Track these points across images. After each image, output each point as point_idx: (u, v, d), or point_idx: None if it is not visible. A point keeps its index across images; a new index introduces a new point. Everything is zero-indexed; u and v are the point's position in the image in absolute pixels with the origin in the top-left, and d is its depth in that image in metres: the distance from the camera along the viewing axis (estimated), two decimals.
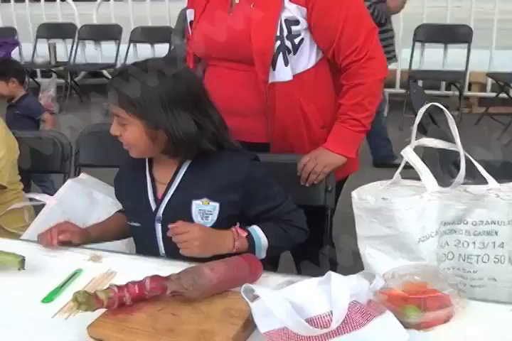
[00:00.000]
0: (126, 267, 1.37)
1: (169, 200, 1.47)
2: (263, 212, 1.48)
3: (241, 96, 1.75)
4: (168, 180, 1.48)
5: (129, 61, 5.74)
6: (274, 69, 1.68)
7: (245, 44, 1.65)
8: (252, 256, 1.32)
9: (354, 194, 1.53)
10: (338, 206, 1.90)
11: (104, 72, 6.04)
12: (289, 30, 1.66)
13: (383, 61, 1.77)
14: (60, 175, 2.19)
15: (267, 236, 1.44)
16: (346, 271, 1.10)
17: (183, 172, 1.48)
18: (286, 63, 1.67)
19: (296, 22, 1.66)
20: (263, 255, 1.45)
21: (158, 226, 1.47)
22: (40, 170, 2.20)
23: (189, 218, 1.43)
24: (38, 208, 1.95)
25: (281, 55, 1.67)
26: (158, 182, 1.50)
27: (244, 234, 1.41)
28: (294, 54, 1.69)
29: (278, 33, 1.64)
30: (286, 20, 1.65)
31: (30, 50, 6.14)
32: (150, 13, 5.99)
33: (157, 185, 1.50)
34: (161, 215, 1.47)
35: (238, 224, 1.46)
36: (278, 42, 1.65)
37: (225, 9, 1.72)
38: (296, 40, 1.68)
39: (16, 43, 6.19)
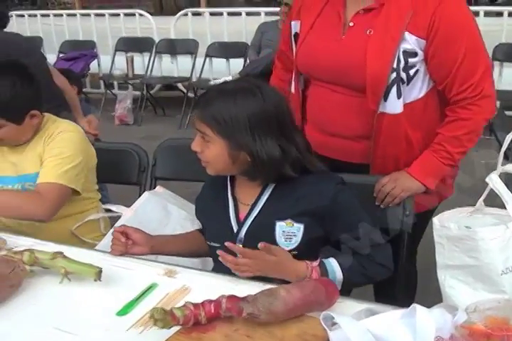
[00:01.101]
0: (201, 284, 1.37)
1: (252, 221, 1.46)
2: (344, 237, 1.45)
3: (344, 120, 1.72)
4: (251, 202, 1.47)
5: (204, 75, 5.86)
6: (385, 101, 1.63)
7: (358, 71, 1.61)
8: (329, 280, 1.29)
9: (435, 220, 1.49)
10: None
11: (179, 85, 6.15)
12: (406, 62, 1.61)
13: (494, 101, 1.70)
14: (132, 186, 2.23)
15: (342, 271, 1.39)
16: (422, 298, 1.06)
17: (267, 194, 1.46)
18: (399, 96, 1.63)
19: (414, 54, 1.61)
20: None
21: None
22: (117, 181, 2.23)
23: (272, 239, 1.41)
24: (113, 218, 1.99)
25: (395, 87, 1.62)
26: (240, 202, 1.50)
27: (316, 264, 1.38)
28: (407, 85, 1.64)
29: (395, 65, 1.60)
30: (404, 52, 1.60)
31: (108, 62, 6.32)
32: (227, 28, 6.06)
33: (239, 205, 1.50)
34: (242, 236, 1.46)
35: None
36: (394, 75, 1.60)
37: (338, 30, 1.67)
38: (412, 72, 1.63)
39: (95, 56, 6.39)
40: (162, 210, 1.91)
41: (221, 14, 6.20)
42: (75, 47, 6.45)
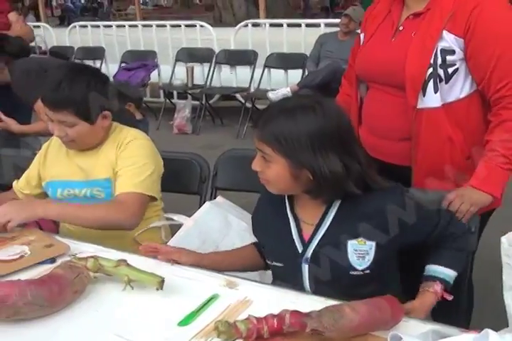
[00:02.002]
0: (262, 296, 1.35)
1: (319, 241, 1.43)
2: (426, 238, 1.46)
3: (389, 119, 1.81)
4: (315, 221, 1.44)
5: (263, 86, 5.88)
6: (424, 96, 1.70)
7: (400, 70, 1.70)
8: (394, 298, 1.26)
9: (504, 239, 1.43)
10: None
11: (238, 95, 6.19)
12: (444, 60, 1.68)
13: None
14: (191, 195, 2.24)
15: (451, 268, 1.45)
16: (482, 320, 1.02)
17: (333, 213, 1.43)
18: (435, 90, 1.69)
19: (452, 52, 1.68)
20: None
21: (305, 267, 1.44)
22: (177, 191, 2.25)
23: (344, 258, 1.39)
24: (174, 226, 2.01)
25: (431, 82, 1.69)
26: (303, 222, 1.47)
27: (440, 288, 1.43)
28: (446, 83, 1.70)
29: (432, 61, 1.67)
30: (442, 50, 1.67)
31: (168, 72, 6.43)
32: (286, 39, 6.08)
33: (302, 225, 1.46)
34: (308, 256, 1.43)
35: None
36: (430, 70, 1.68)
37: (390, 35, 1.79)
38: (450, 70, 1.69)
39: (156, 66, 6.50)
40: (222, 221, 1.92)
41: (281, 25, 6.23)
42: (136, 57, 6.59)
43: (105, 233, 1.81)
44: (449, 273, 1.47)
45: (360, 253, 1.39)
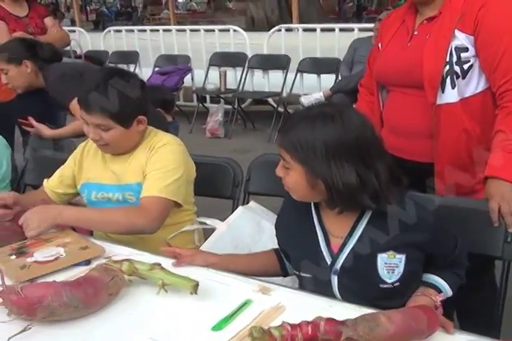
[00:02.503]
0: (296, 303, 1.35)
1: (349, 253, 1.41)
2: (442, 257, 1.46)
3: (410, 118, 1.89)
4: (344, 232, 1.42)
5: (295, 91, 5.87)
6: (442, 92, 1.80)
7: (417, 70, 1.80)
8: (431, 308, 1.24)
9: None
10: None
11: (270, 100, 6.20)
12: (458, 57, 1.77)
13: None
14: (223, 200, 2.25)
15: (450, 287, 1.42)
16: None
17: (363, 226, 1.41)
18: (453, 86, 1.79)
19: (465, 49, 1.77)
20: None
21: (335, 278, 1.43)
22: (210, 195, 2.25)
23: (374, 272, 1.38)
24: (207, 230, 2.01)
25: (449, 78, 1.78)
26: (331, 234, 1.45)
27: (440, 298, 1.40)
28: (463, 78, 1.79)
29: (447, 59, 1.77)
30: (456, 48, 1.77)
31: (202, 76, 6.46)
32: (319, 44, 6.06)
33: (330, 237, 1.45)
34: (338, 268, 1.42)
35: None
36: (447, 67, 1.77)
37: (405, 40, 1.90)
38: (465, 66, 1.79)
39: (189, 70, 6.54)
40: (255, 226, 1.91)
41: (314, 30, 6.22)
42: (170, 61, 6.64)
43: (138, 236, 1.83)
44: (448, 291, 1.47)
45: (390, 266, 1.37)
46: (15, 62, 2.84)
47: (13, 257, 1.58)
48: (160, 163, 1.86)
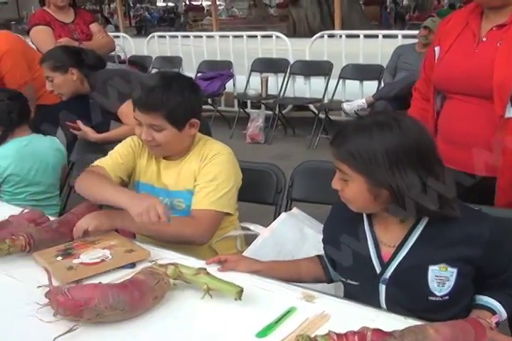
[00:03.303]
0: (341, 311, 1.34)
1: (399, 264, 1.39)
2: (494, 275, 1.41)
3: (471, 128, 1.80)
4: (396, 242, 1.41)
5: (337, 97, 5.84)
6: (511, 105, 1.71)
7: (486, 79, 1.71)
8: (478, 321, 1.21)
9: None
10: None
11: (311, 106, 6.18)
12: None
13: None
14: (264, 205, 2.25)
15: (505, 309, 1.38)
16: None
17: (416, 236, 1.39)
18: None
19: None
20: None
21: (383, 288, 1.41)
22: (253, 200, 2.25)
23: (424, 283, 1.36)
24: (248, 236, 2.01)
25: None
26: (381, 243, 1.44)
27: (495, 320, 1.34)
28: None
29: None
30: None
31: (243, 82, 6.48)
32: (362, 50, 6.03)
33: (380, 245, 1.44)
34: (387, 278, 1.40)
35: None
36: None
37: (472, 46, 1.81)
38: None
39: (231, 75, 6.57)
40: (298, 232, 1.90)
41: (357, 36, 6.19)
42: (212, 67, 6.69)
43: None
44: (503, 313, 1.42)
45: (441, 279, 1.35)
46: (61, 70, 2.88)
47: (60, 258, 1.60)
48: (212, 174, 1.88)
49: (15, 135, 2.70)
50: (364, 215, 1.47)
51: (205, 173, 1.89)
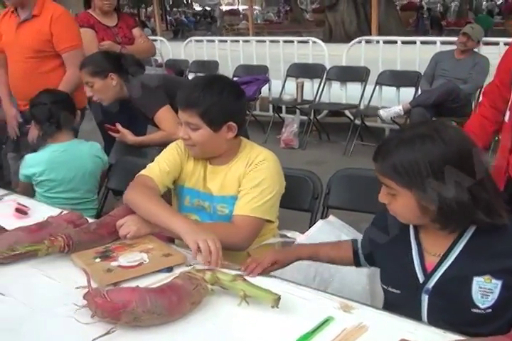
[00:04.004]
0: (379, 323, 1.32)
1: (443, 274, 1.37)
2: None
3: None
4: (441, 251, 1.39)
5: (373, 103, 5.80)
6: None
7: None
8: None
9: None
10: None
11: (347, 112, 6.15)
12: None
13: None
14: (299, 212, 2.24)
15: None
16: None
17: (461, 246, 1.37)
18: None
19: None
20: None
21: (425, 298, 1.39)
22: (289, 207, 2.24)
23: (467, 295, 1.34)
24: (285, 243, 2.00)
25: None
26: (426, 252, 1.42)
27: None
28: None
29: None
30: None
31: (279, 87, 6.47)
32: (400, 56, 5.97)
33: (425, 254, 1.42)
34: (430, 288, 1.38)
35: None
36: None
37: None
38: None
39: (267, 80, 6.57)
40: (335, 239, 1.89)
41: (394, 42, 6.13)
42: (248, 71, 6.70)
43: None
44: None
45: (485, 291, 1.32)
46: (100, 75, 2.90)
47: (98, 260, 1.62)
48: (257, 180, 1.87)
49: (55, 140, 2.75)
50: (411, 224, 1.45)
51: (250, 179, 1.88)
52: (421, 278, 1.39)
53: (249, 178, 1.89)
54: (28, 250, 1.64)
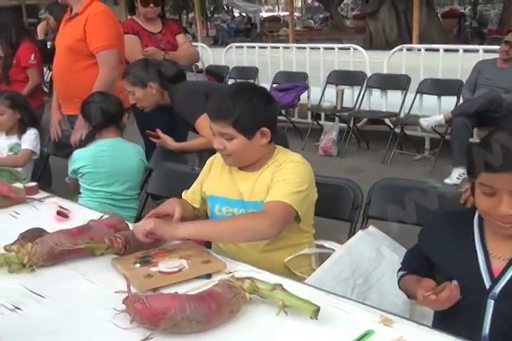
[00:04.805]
0: (419, 338, 1.29)
1: (511, 278, 1.34)
2: None
3: None
4: (508, 255, 1.36)
5: (414, 112, 5.73)
6: None
7: None
8: None
9: None
10: None
11: (386, 120, 6.08)
12: None
13: None
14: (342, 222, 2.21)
15: None
16: None
17: None
18: None
19: None
20: None
21: (491, 303, 1.36)
22: (328, 216, 2.22)
23: None
24: (322, 253, 1.99)
25: None
26: (492, 255, 1.39)
27: None
28: None
29: None
30: None
31: (318, 94, 6.45)
32: (441, 65, 5.89)
33: (491, 258, 1.38)
34: (497, 293, 1.35)
35: None
36: None
37: None
38: None
39: (306, 87, 6.55)
40: (375, 251, 1.87)
41: (436, 50, 6.05)
42: (288, 78, 6.69)
43: (256, 256, 1.83)
44: None
45: None
46: (140, 85, 2.96)
47: (138, 265, 1.63)
48: (285, 175, 1.87)
49: (102, 136, 2.89)
50: (475, 224, 1.43)
51: (279, 175, 1.87)
52: (487, 282, 1.37)
53: (277, 176, 1.87)
54: (89, 246, 1.67)
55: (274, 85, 6.70)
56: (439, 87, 5.66)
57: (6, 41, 4.42)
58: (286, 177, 1.86)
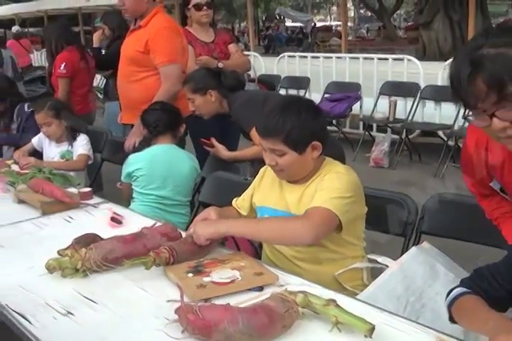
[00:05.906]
0: None
1: None
2: None
3: None
4: None
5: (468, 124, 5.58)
6: None
7: None
8: None
9: None
10: None
11: (440, 132, 5.97)
12: None
13: None
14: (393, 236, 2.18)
15: None
16: None
17: None
18: None
19: None
20: None
21: None
22: (380, 230, 2.18)
23: None
24: (375, 269, 1.95)
25: None
26: None
27: None
28: None
29: None
30: None
31: (370, 104, 6.39)
32: None
33: None
34: None
35: None
36: None
37: None
38: None
39: (359, 98, 6.50)
40: (429, 269, 1.82)
41: None
42: (340, 88, 6.66)
43: (308, 268, 1.81)
44: None
45: None
46: (200, 92, 3.02)
47: (191, 275, 1.63)
48: (327, 183, 1.85)
49: (158, 141, 2.96)
50: None
51: (322, 184, 1.86)
52: None
53: (320, 185, 1.86)
54: (136, 263, 1.67)
55: (326, 95, 6.67)
56: None
57: (48, 50, 4.75)
58: (327, 185, 1.84)
